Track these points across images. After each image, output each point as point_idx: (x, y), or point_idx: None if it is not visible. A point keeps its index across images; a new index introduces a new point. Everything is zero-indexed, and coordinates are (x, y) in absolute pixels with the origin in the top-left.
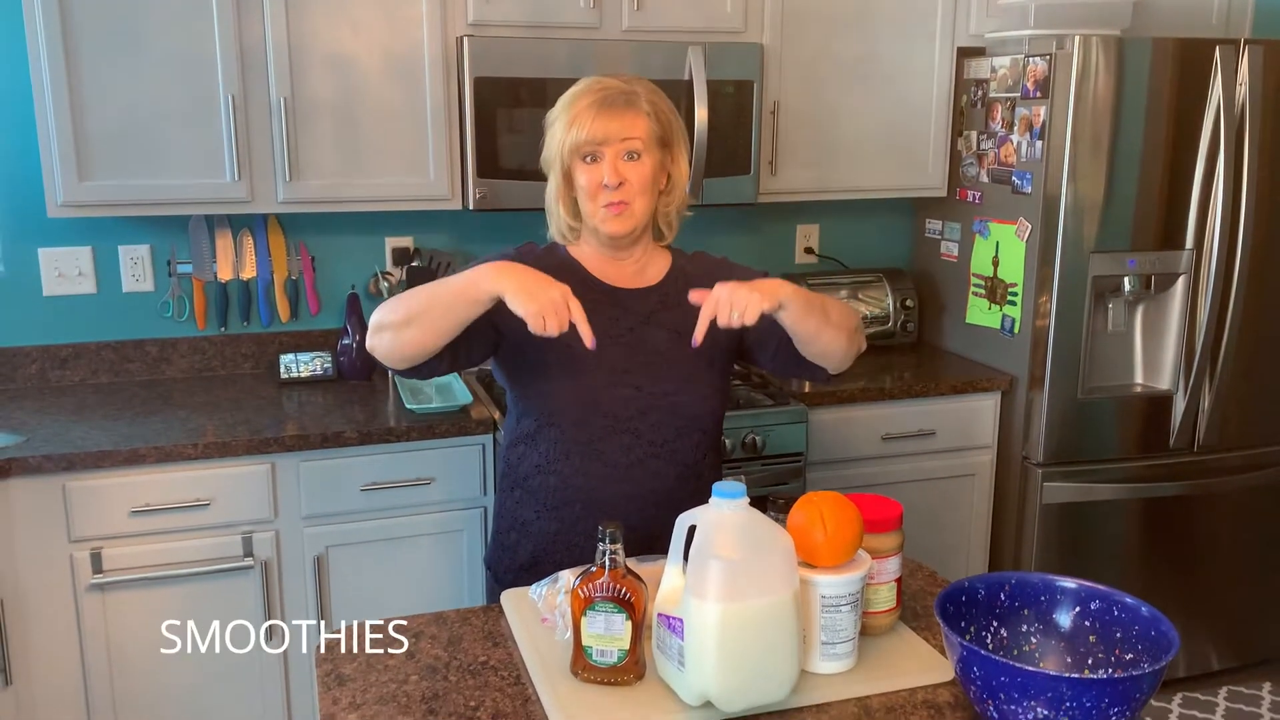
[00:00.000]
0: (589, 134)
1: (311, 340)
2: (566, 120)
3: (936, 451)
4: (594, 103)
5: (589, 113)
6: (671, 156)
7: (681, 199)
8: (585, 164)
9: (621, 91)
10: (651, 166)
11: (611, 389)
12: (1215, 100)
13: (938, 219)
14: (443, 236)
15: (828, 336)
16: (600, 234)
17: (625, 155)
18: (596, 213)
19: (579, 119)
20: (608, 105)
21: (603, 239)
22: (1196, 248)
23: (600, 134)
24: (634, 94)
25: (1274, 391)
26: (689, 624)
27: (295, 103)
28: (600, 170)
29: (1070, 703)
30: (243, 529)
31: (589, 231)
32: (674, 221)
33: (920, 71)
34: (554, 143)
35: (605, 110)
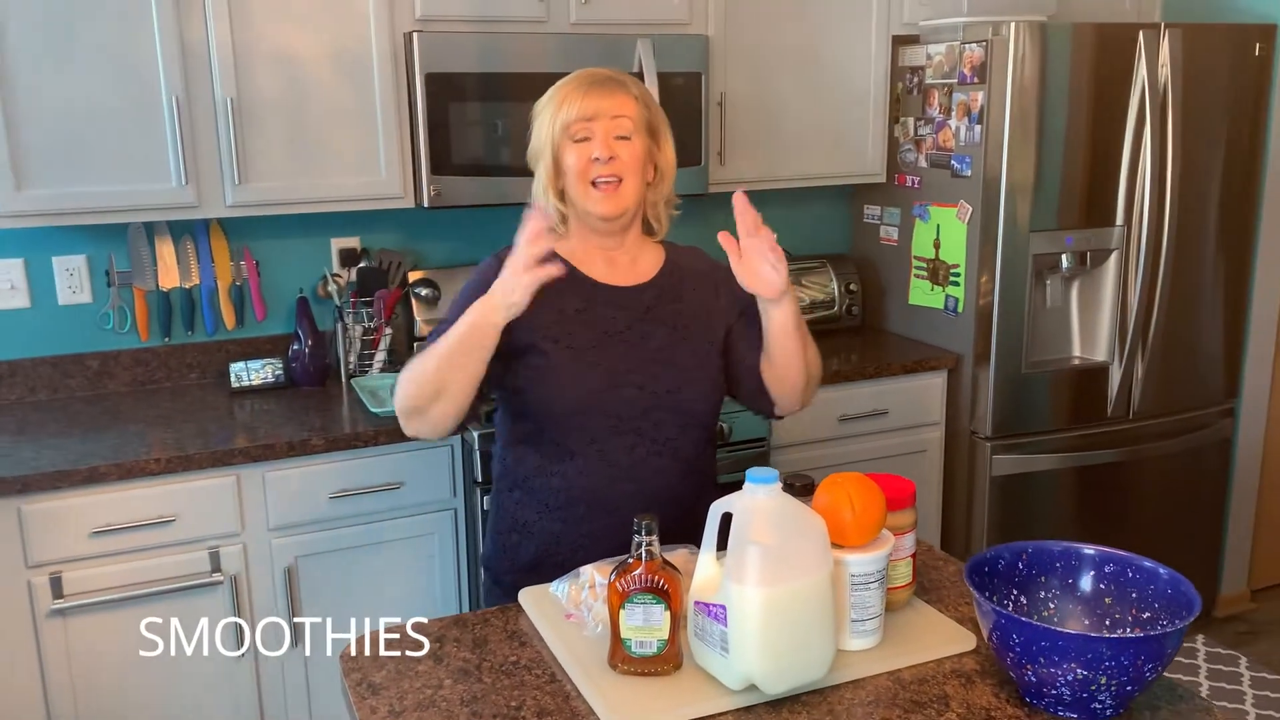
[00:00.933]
0: (580, 110)
1: (259, 347)
2: (556, 102)
3: (889, 430)
4: (584, 83)
5: (579, 91)
6: (658, 145)
7: (669, 190)
8: (575, 144)
9: (609, 75)
10: (641, 148)
11: (614, 390)
12: (1140, 82)
13: (876, 205)
14: (390, 236)
15: (797, 364)
16: (591, 216)
17: (615, 135)
18: (588, 194)
19: (569, 98)
20: (597, 84)
21: (593, 222)
22: (1126, 224)
23: (591, 109)
24: (623, 80)
25: (1200, 358)
26: (732, 610)
27: (241, 103)
28: (590, 148)
29: (1109, 662)
30: (209, 544)
31: (578, 218)
32: (663, 215)
33: (858, 60)
34: (542, 129)
35: (595, 89)
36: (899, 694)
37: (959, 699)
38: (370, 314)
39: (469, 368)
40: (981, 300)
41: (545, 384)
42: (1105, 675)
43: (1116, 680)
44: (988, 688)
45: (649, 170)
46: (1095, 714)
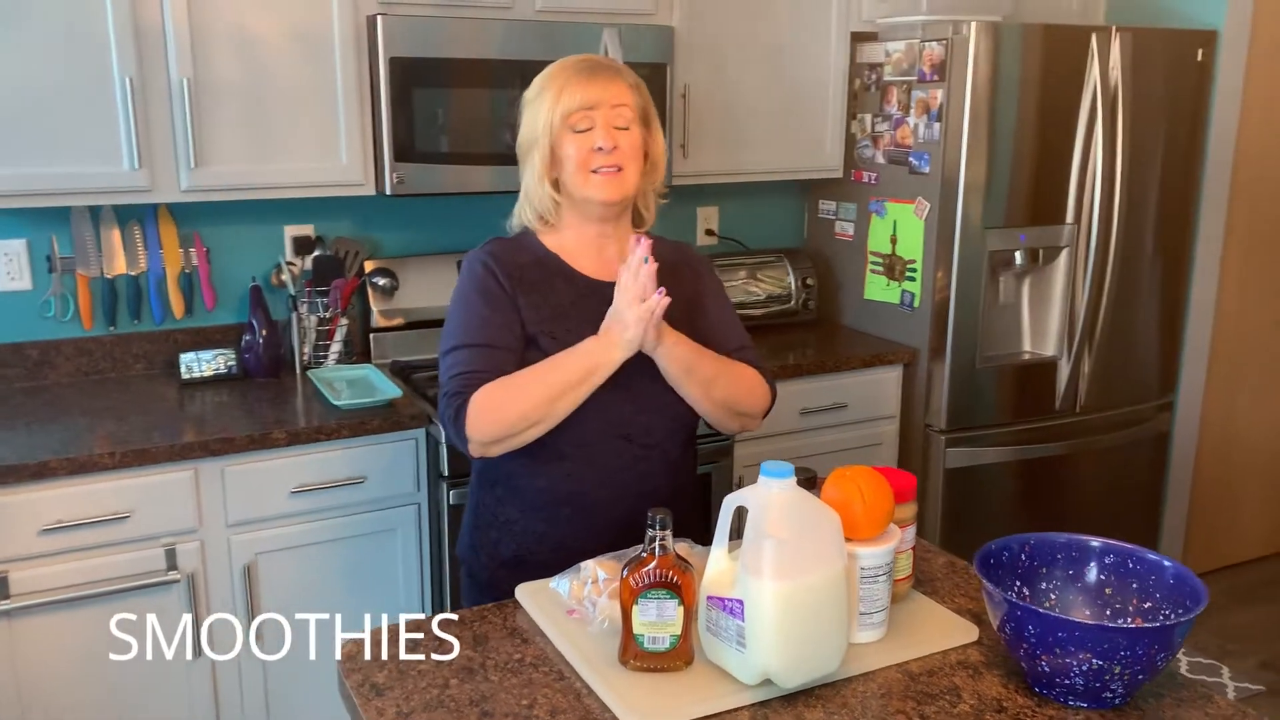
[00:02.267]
0: (581, 99)
1: (210, 337)
2: (554, 90)
3: (848, 423)
4: (581, 71)
5: (578, 79)
6: (651, 135)
7: (659, 179)
8: (575, 134)
9: (604, 63)
10: (639, 138)
11: (606, 394)
12: (1092, 83)
13: (832, 200)
14: (345, 223)
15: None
16: (590, 203)
17: (615, 125)
18: (589, 181)
19: (569, 86)
20: (595, 73)
21: (591, 209)
22: (1076, 222)
23: (593, 98)
24: (617, 68)
25: (1142, 354)
26: (749, 604)
27: (198, 84)
28: (591, 138)
29: (1124, 651)
30: (165, 541)
31: (574, 207)
32: (652, 205)
33: (817, 55)
34: (538, 118)
35: (596, 78)
36: (910, 686)
37: (969, 690)
38: (326, 304)
39: (579, 400)
40: (938, 296)
41: None
42: (1120, 664)
43: (1129, 669)
44: (995, 678)
45: (641, 158)
46: (1105, 703)
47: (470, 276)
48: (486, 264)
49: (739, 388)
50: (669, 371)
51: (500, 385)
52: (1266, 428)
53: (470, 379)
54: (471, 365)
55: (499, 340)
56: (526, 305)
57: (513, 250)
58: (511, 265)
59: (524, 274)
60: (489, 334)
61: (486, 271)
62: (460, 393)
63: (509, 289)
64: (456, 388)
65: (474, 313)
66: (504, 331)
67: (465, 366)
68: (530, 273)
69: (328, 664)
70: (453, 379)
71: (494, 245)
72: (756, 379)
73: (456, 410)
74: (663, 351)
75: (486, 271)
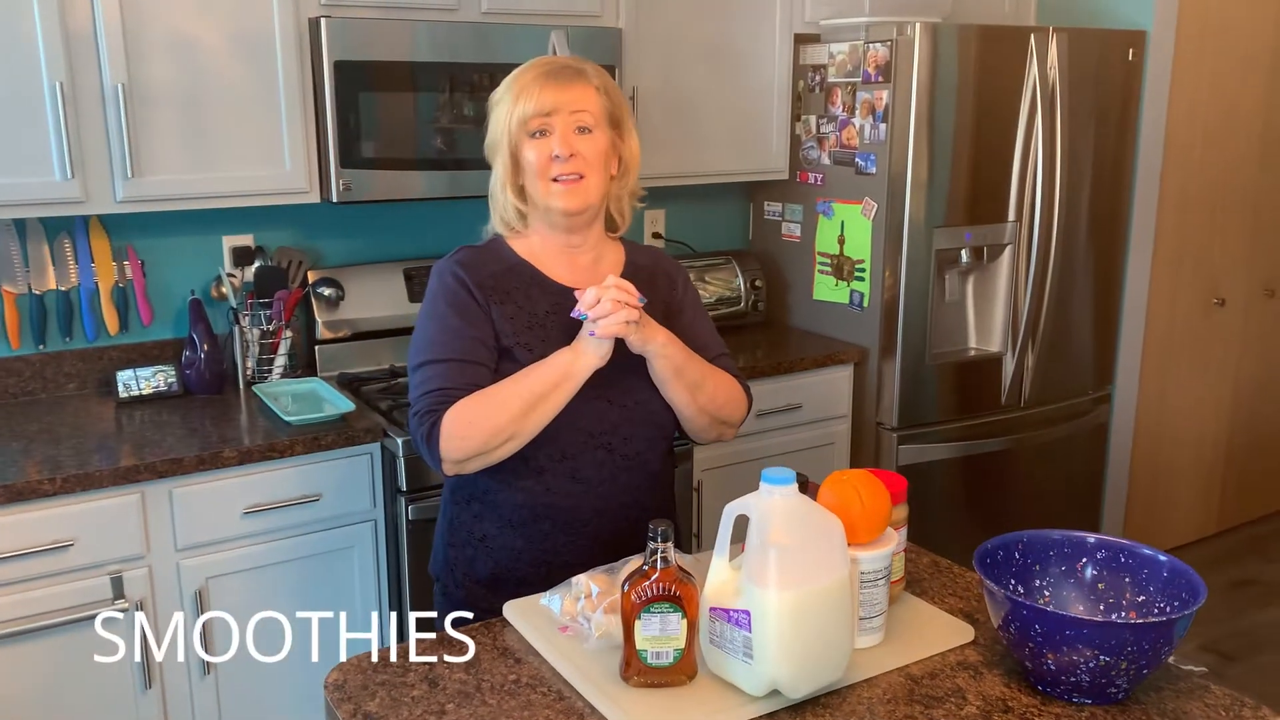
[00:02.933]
0: (537, 104)
1: (146, 353)
2: (513, 95)
3: (802, 424)
4: (541, 74)
5: (536, 84)
6: (622, 137)
7: (634, 183)
8: (533, 140)
9: (568, 65)
10: (604, 142)
11: (584, 404)
12: (1031, 82)
13: (777, 201)
14: (286, 233)
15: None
16: (552, 212)
17: (576, 129)
18: (548, 189)
19: (526, 91)
20: (555, 77)
21: (554, 219)
22: (1018, 219)
23: (549, 103)
24: (582, 69)
25: (1082, 347)
26: (756, 615)
27: (133, 90)
28: (550, 144)
29: (1131, 647)
30: (111, 568)
31: (539, 215)
32: (626, 209)
33: (763, 57)
34: (499, 123)
35: (553, 81)
36: (914, 690)
37: (973, 691)
38: (269, 316)
39: (553, 412)
40: (887, 295)
41: None
42: (1125, 660)
43: (1135, 664)
44: (997, 678)
45: (613, 163)
46: (1110, 698)
47: (441, 288)
48: (457, 274)
49: (722, 394)
50: (659, 372)
51: (471, 401)
52: (1195, 415)
53: (441, 396)
54: (443, 382)
55: (471, 354)
56: (500, 316)
57: (483, 258)
58: (483, 274)
59: (496, 283)
60: (461, 347)
61: (457, 282)
62: (433, 411)
63: (481, 299)
64: (428, 405)
65: (445, 325)
66: (476, 344)
67: (436, 383)
68: (503, 281)
69: (285, 699)
70: (423, 397)
71: (464, 254)
72: (737, 387)
73: (429, 430)
74: (654, 349)
75: (457, 282)
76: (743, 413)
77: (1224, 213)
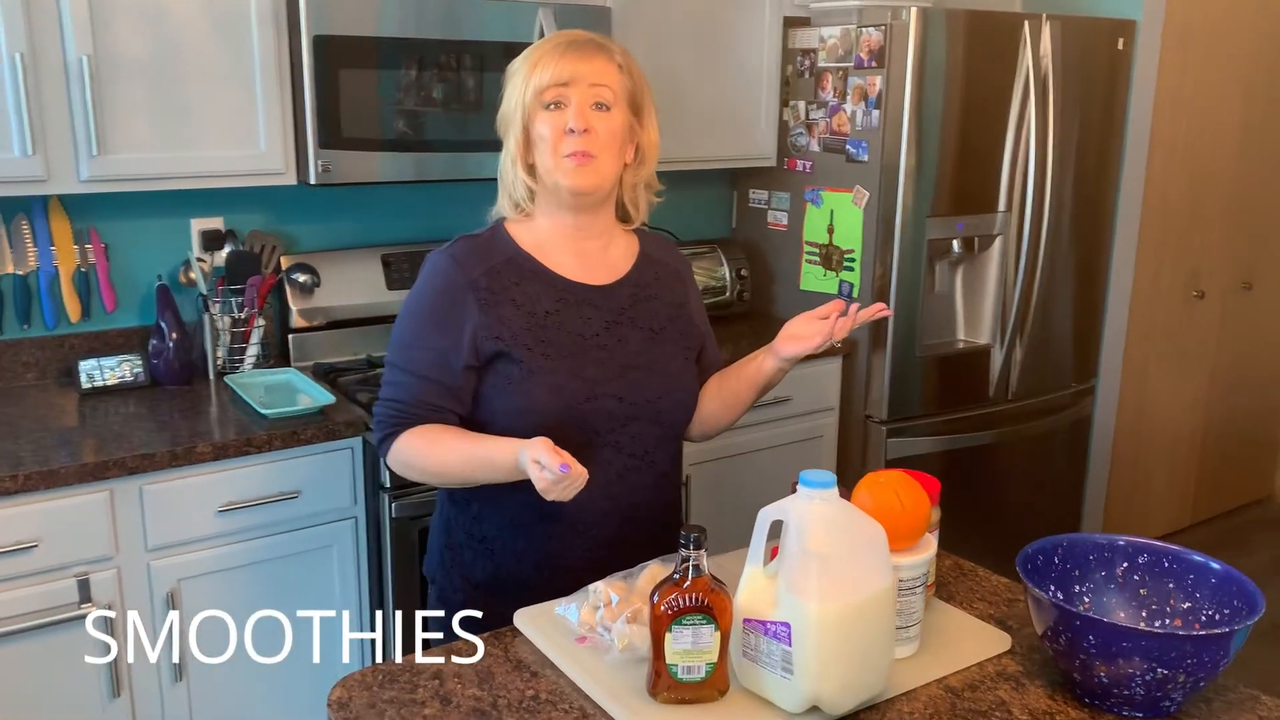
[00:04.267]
0: (554, 74)
1: (110, 342)
2: (529, 64)
3: (790, 417)
4: (562, 44)
5: (555, 53)
6: (641, 122)
7: (650, 174)
8: (548, 111)
9: (589, 38)
10: (621, 122)
11: (592, 402)
12: (1025, 70)
13: (763, 189)
14: (257, 216)
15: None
16: (561, 189)
17: (594, 104)
18: (559, 164)
19: (543, 60)
20: (576, 47)
21: (564, 197)
22: (1009, 209)
23: (567, 73)
24: (605, 43)
25: (1068, 340)
26: (798, 628)
27: (99, 63)
28: (564, 116)
29: (1191, 659)
30: (77, 570)
31: (548, 194)
32: (641, 201)
33: (752, 40)
34: (513, 94)
35: (573, 51)
36: (956, 704)
37: (1017, 704)
38: (240, 303)
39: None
40: (877, 285)
41: (518, 394)
42: (1184, 672)
43: (1192, 677)
44: (1039, 690)
45: (629, 149)
46: (1163, 711)
47: (429, 286)
48: (449, 272)
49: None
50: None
51: (420, 443)
52: (1173, 408)
53: (404, 411)
54: (405, 395)
55: (435, 372)
56: (497, 319)
57: (481, 251)
58: (479, 271)
59: (494, 279)
60: (427, 362)
61: (447, 283)
62: (392, 421)
63: (472, 301)
64: (390, 414)
65: (420, 332)
66: (444, 360)
67: (403, 394)
68: (501, 278)
69: (261, 706)
70: (387, 402)
71: (460, 247)
72: None
73: (382, 440)
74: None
75: (447, 283)
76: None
77: (1204, 205)
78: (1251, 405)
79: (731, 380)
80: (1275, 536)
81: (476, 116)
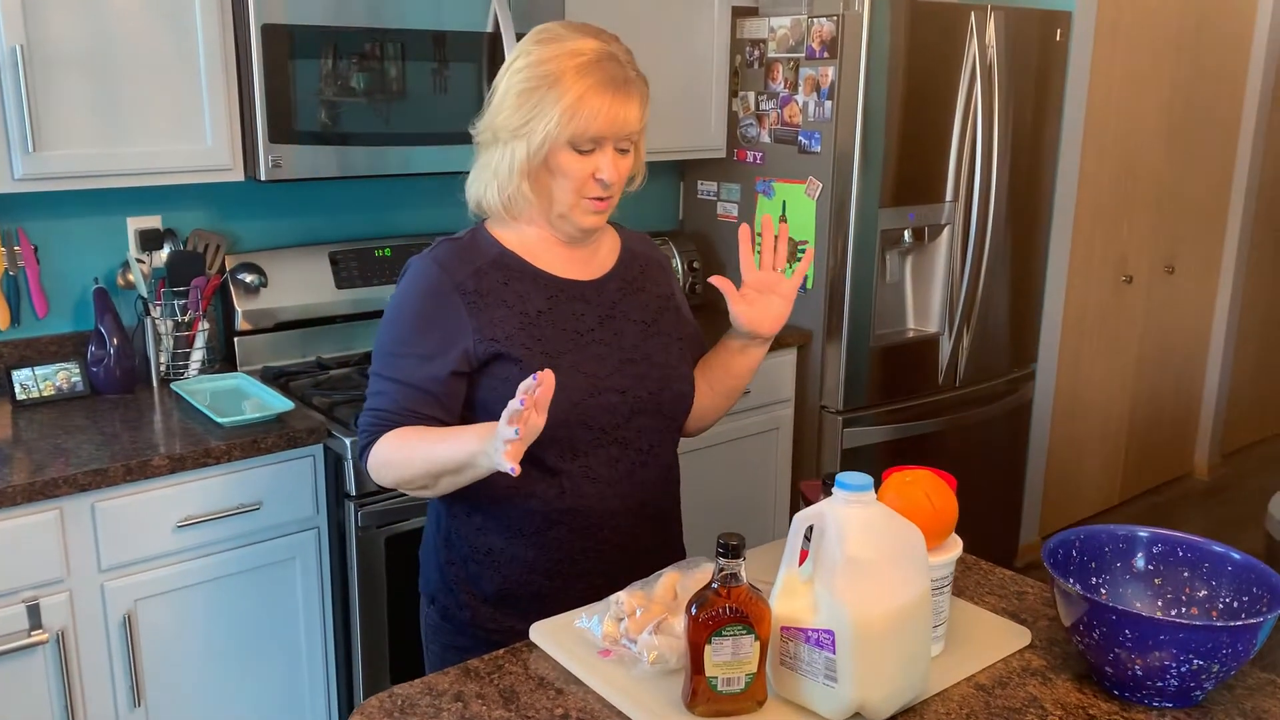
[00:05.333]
0: (600, 127)
1: (43, 350)
2: (567, 104)
3: (747, 409)
4: (600, 85)
5: (599, 99)
6: (638, 146)
7: (634, 187)
8: (578, 154)
9: (627, 77)
10: (634, 160)
11: (596, 397)
12: (971, 61)
13: (712, 180)
14: (197, 214)
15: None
16: (571, 223)
17: (619, 150)
18: (578, 205)
19: (588, 106)
20: (617, 89)
21: (571, 229)
22: (955, 199)
23: (615, 128)
24: (637, 80)
25: (1012, 327)
26: (841, 635)
27: (33, 53)
28: (594, 162)
29: (1226, 649)
30: (25, 595)
31: (551, 219)
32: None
33: (701, 31)
34: (538, 121)
35: (616, 97)
36: (989, 702)
37: (1049, 699)
38: (183, 306)
39: (465, 484)
40: (831, 276)
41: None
42: (1218, 663)
43: (1226, 666)
44: (1068, 684)
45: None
46: (1193, 700)
47: (413, 290)
48: (433, 276)
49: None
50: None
51: (391, 446)
52: (1103, 389)
53: (385, 419)
54: (388, 404)
55: (419, 379)
56: (487, 321)
57: (465, 253)
58: (465, 273)
59: (480, 283)
60: (409, 369)
61: (430, 287)
62: (369, 432)
63: (460, 304)
64: (371, 423)
65: (404, 339)
66: (428, 368)
67: (385, 404)
68: (488, 279)
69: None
70: (368, 411)
71: (442, 250)
72: None
73: (362, 449)
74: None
75: (430, 287)
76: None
77: (1132, 192)
78: (1173, 385)
79: (720, 372)
80: (1198, 510)
81: (433, 109)
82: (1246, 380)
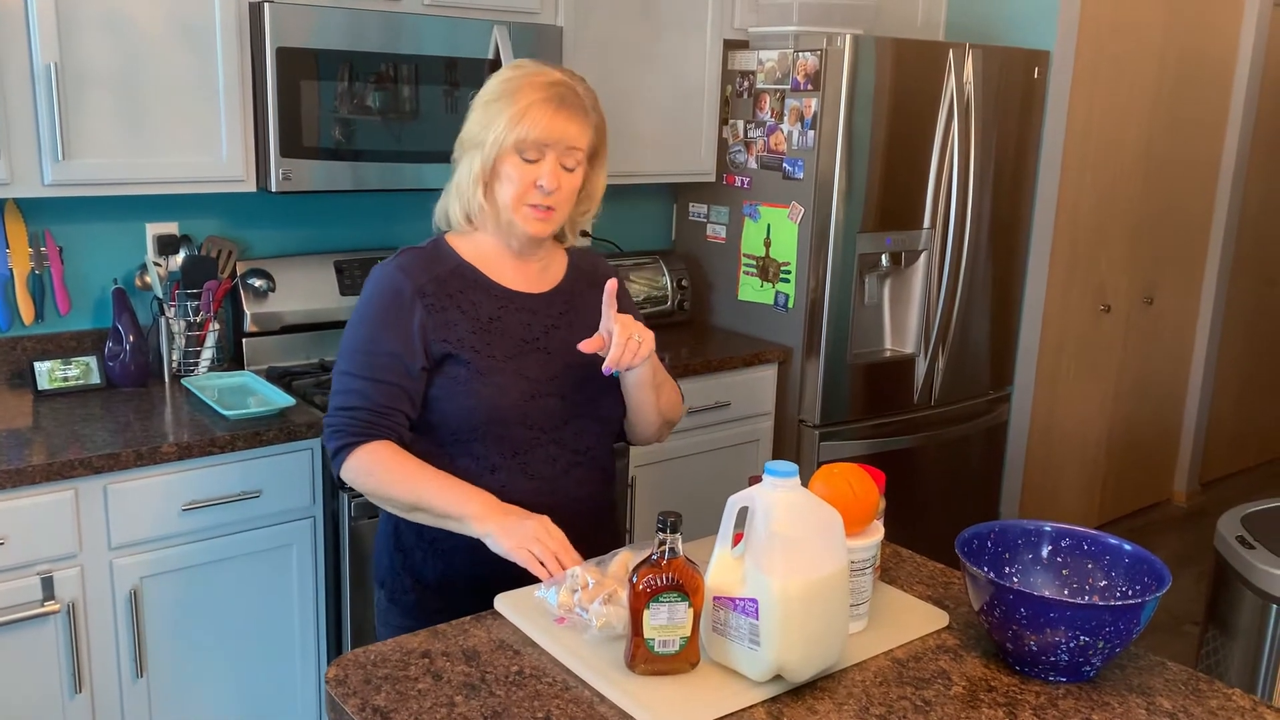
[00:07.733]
0: (541, 134)
1: (64, 344)
2: (516, 109)
3: (728, 421)
4: (548, 99)
5: (543, 110)
6: (594, 170)
7: (593, 212)
8: (522, 161)
9: (574, 92)
10: (580, 179)
11: (536, 400)
12: (949, 95)
13: (703, 203)
14: (212, 221)
15: (650, 414)
16: (515, 230)
17: (563, 165)
18: (520, 210)
19: (531, 114)
20: (562, 105)
21: (518, 237)
22: (933, 226)
23: (554, 136)
24: (584, 99)
25: (988, 351)
26: (764, 603)
27: (65, 70)
28: (537, 171)
29: (1109, 627)
30: (41, 568)
31: (501, 225)
32: (577, 228)
33: (694, 61)
34: (490, 129)
35: (560, 111)
36: (902, 672)
37: (956, 672)
38: (196, 307)
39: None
40: (811, 297)
41: (466, 394)
42: (1103, 640)
43: (1110, 643)
44: (976, 660)
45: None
46: (1084, 675)
47: (377, 292)
48: (396, 280)
49: (674, 396)
50: (640, 376)
51: (377, 462)
52: (1081, 415)
53: (359, 418)
54: (362, 401)
55: (390, 375)
56: (443, 323)
57: (426, 261)
58: (426, 279)
59: (439, 288)
60: (379, 366)
61: (394, 289)
62: (349, 430)
63: (420, 306)
64: (344, 423)
65: (371, 336)
66: (397, 363)
67: (355, 401)
68: (447, 285)
69: (218, 700)
70: (339, 411)
71: (405, 257)
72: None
73: (336, 451)
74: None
75: (394, 289)
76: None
77: (1110, 225)
78: (1152, 413)
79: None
80: (1175, 536)
81: (436, 129)
82: (1227, 411)
